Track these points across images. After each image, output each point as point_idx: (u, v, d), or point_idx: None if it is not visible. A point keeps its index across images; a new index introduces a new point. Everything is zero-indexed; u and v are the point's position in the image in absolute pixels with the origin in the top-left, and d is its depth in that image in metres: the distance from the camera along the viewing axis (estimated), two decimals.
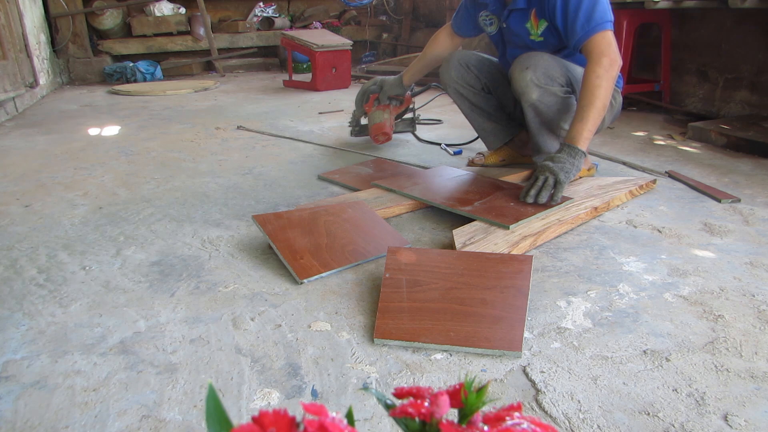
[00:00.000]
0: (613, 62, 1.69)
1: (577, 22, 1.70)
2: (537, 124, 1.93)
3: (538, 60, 1.80)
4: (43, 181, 2.20)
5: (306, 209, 1.68)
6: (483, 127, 2.16)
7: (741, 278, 1.38)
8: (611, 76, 1.68)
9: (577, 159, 1.71)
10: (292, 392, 0.99)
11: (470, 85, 2.05)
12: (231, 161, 2.45)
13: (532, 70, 1.78)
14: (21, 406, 0.96)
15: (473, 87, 2.05)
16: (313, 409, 0.36)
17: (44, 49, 4.54)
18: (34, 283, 1.38)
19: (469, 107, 2.09)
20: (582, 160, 1.72)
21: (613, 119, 2.04)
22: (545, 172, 1.71)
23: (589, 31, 1.68)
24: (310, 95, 4.26)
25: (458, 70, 2.05)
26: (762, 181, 2.10)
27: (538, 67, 1.78)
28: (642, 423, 0.91)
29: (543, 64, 1.79)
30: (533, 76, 1.78)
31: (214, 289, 1.35)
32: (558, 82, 1.84)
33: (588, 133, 1.70)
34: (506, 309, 1.17)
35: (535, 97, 1.81)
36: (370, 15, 6.36)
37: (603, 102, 1.68)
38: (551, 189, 1.69)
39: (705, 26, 3.22)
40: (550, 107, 1.87)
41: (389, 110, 2.68)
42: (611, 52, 1.70)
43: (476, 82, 2.05)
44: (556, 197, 1.68)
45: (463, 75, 2.05)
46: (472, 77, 2.04)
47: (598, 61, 1.68)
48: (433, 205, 1.79)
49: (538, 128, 1.95)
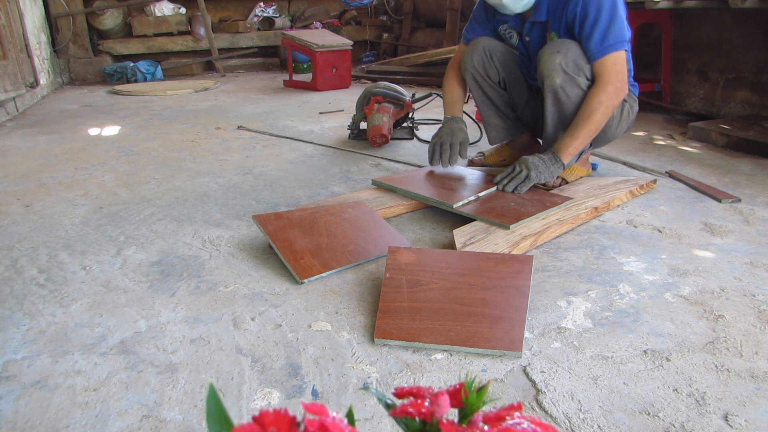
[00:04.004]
0: (618, 91, 1.73)
1: (592, 40, 1.70)
2: (553, 114, 1.89)
3: (570, 47, 1.78)
4: (44, 181, 2.20)
5: (306, 209, 1.68)
6: (489, 121, 2.16)
7: (741, 278, 1.38)
8: (612, 105, 1.73)
9: (555, 167, 1.81)
10: (292, 392, 0.99)
11: (488, 75, 2.03)
12: (231, 161, 2.45)
13: (562, 55, 1.77)
14: (21, 406, 0.96)
15: (491, 79, 2.04)
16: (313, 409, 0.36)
17: (45, 49, 4.54)
18: (34, 283, 1.38)
19: (481, 97, 2.08)
20: (558, 171, 1.82)
21: (629, 128, 2.04)
22: (522, 165, 1.81)
23: (602, 50, 1.69)
24: (310, 95, 4.26)
25: (480, 58, 2.01)
26: (762, 181, 2.10)
27: (569, 54, 1.77)
28: (642, 423, 0.91)
29: (574, 52, 1.77)
30: (562, 61, 1.76)
31: (215, 289, 1.35)
32: (584, 74, 1.81)
33: (574, 150, 1.79)
34: (506, 309, 1.17)
35: (559, 82, 1.78)
36: (371, 15, 6.36)
37: (597, 126, 1.75)
38: (520, 181, 1.79)
39: (705, 26, 3.22)
40: (570, 98, 1.83)
41: (389, 114, 2.68)
42: (618, 81, 1.72)
43: (495, 74, 2.03)
44: (520, 189, 1.79)
45: (484, 64, 2.02)
46: (493, 69, 2.03)
47: (604, 87, 1.72)
48: (434, 204, 1.79)
49: (553, 119, 1.90)
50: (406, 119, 2.91)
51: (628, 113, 1.97)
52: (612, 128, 1.93)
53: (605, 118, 1.74)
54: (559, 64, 1.77)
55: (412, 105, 2.82)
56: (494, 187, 1.85)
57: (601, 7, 1.70)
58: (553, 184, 1.98)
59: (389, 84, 2.81)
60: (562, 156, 1.80)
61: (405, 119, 2.91)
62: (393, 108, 2.72)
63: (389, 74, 4.82)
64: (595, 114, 1.73)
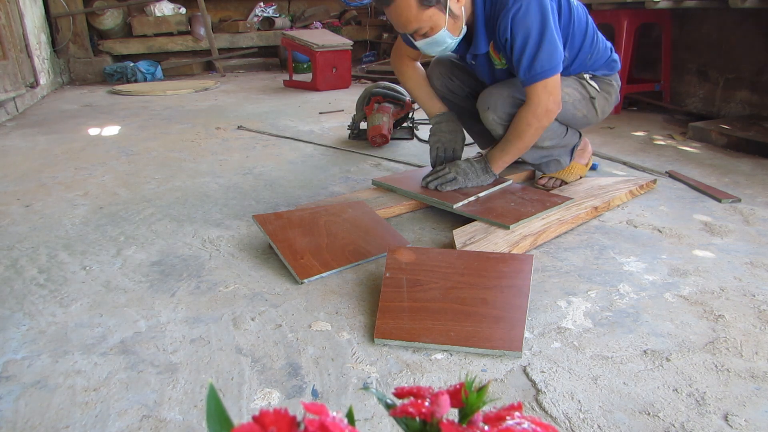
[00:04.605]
0: (548, 112, 1.71)
1: (521, 68, 1.67)
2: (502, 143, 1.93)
3: (497, 99, 1.79)
4: (44, 181, 2.20)
5: (306, 209, 1.68)
6: (472, 129, 2.16)
7: (741, 278, 1.38)
8: (541, 126, 1.73)
9: (486, 176, 1.87)
10: (292, 392, 0.99)
11: (455, 92, 2.05)
12: (231, 161, 2.45)
13: (492, 111, 1.81)
14: (21, 406, 0.96)
15: (458, 94, 2.05)
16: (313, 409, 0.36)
17: (45, 49, 4.54)
18: (34, 283, 1.38)
19: (457, 110, 2.08)
20: (489, 181, 1.88)
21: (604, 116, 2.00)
22: (452, 168, 1.87)
23: (530, 79, 1.67)
24: (310, 95, 4.26)
25: (441, 80, 2.03)
26: (762, 181, 2.10)
27: (498, 107, 1.79)
28: (642, 423, 0.91)
29: (503, 103, 1.79)
30: (494, 117, 1.81)
31: (215, 289, 1.35)
32: None
33: (503, 163, 1.86)
34: (507, 309, 1.17)
35: (501, 132, 1.85)
36: (371, 15, 6.36)
37: (526, 144, 1.79)
38: (445, 181, 1.85)
39: (705, 26, 3.22)
40: None
41: (389, 114, 2.68)
42: (550, 102, 1.70)
43: (460, 90, 2.04)
44: (441, 189, 1.84)
45: (447, 84, 2.04)
46: (456, 86, 2.04)
47: (534, 110, 1.70)
48: (434, 204, 1.79)
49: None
50: (406, 119, 2.91)
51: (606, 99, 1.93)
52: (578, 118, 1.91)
53: (534, 137, 1.76)
54: (493, 120, 1.82)
55: (412, 105, 2.82)
56: (494, 188, 1.85)
57: (528, 34, 1.63)
58: (552, 185, 1.98)
59: (389, 84, 2.81)
60: (493, 166, 1.86)
61: (405, 119, 2.91)
62: (393, 108, 2.73)
63: (389, 74, 4.82)
64: (525, 134, 1.75)
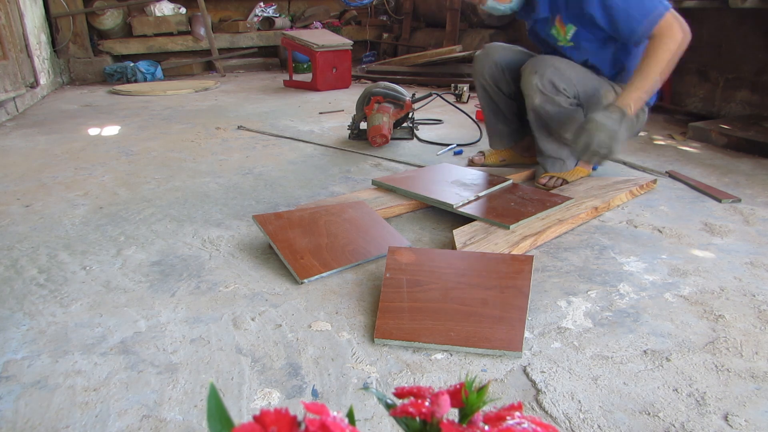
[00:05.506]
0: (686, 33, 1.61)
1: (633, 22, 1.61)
2: (538, 127, 1.93)
3: (548, 68, 1.76)
4: (44, 180, 2.20)
5: (306, 209, 1.68)
6: (493, 126, 2.16)
7: (741, 278, 1.38)
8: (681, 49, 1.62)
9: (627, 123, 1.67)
10: (292, 392, 0.99)
11: (500, 88, 2.02)
12: (231, 161, 2.45)
13: (538, 77, 1.77)
14: (21, 406, 0.96)
15: (501, 91, 2.02)
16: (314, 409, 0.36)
17: (45, 49, 4.54)
18: (34, 283, 1.38)
19: (488, 104, 2.06)
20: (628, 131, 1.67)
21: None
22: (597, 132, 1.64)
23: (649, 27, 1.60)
24: (310, 95, 4.26)
25: (491, 71, 1.99)
26: (762, 181, 2.10)
27: (545, 75, 1.76)
28: (642, 423, 0.91)
29: (551, 73, 1.75)
30: (538, 83, 1.77)
31: (215, 289, 1.35)
32: (565, 94, 1.82)
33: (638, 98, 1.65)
34: (507, 309, 1.17)
35: (537, 102, 1.81)
36: (371, 15, 6.35)
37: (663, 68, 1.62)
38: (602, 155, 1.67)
39: (705, 26, 3.22)
40: (551, 116, 1.85)
41: (389, 114, 2.68)
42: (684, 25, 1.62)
43: (507, 87, 2.01)
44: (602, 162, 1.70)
45: (495, 76, 2.00)
46: (504, 82, 2.01)
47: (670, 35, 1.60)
48: (434, 204, 1.79)
49: (539, 131, 1.95)
50: (406, 119, 2.91)
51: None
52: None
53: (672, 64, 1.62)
54: (535, 85, 1.78)
55: (412, 105, 2.82)
56: (494, 187, 1.85)
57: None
58: (553, 185, 1.98)
59: (389, 84, 2.81)
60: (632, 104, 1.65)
61: (405, 119, 2.91)
62: (393, 108, 2.72)
63: (389, 74, 4.82)
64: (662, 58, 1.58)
